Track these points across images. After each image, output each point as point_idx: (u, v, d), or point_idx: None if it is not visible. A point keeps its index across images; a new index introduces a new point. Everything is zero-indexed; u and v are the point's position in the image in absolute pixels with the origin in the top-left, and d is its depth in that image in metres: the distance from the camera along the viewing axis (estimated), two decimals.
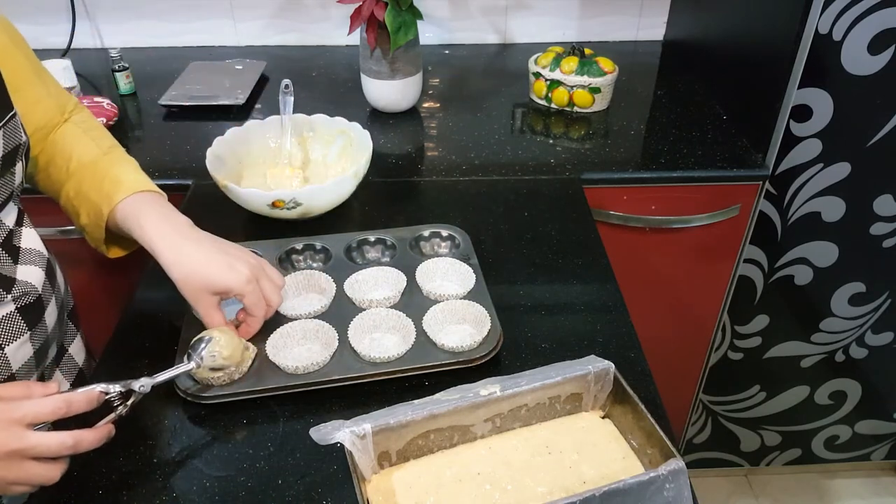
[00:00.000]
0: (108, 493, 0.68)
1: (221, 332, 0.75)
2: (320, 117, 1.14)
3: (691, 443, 1.72)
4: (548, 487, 0.65)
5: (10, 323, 0.72)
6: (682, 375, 1.53)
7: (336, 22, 1.65)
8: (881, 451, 1.73)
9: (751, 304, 1.43)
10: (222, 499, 0.67)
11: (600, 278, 0.95)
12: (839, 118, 1.17)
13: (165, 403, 0.76)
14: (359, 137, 1.09)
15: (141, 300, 0.92)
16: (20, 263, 0.74)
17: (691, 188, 1.22)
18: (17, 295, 0.72)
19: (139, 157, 1.20)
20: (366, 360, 0.78)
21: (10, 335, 0.72)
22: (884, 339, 1.48)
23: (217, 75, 1.48)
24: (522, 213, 1.08)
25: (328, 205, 1.02)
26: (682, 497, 0.60)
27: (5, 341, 0.71)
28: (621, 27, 1.68)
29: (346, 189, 1.02)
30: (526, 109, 1.42)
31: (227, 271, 0.74)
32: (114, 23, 1.63)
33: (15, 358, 0.73)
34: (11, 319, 0.72)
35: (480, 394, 0.67)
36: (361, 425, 0.63)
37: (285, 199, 0.96)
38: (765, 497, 1.81)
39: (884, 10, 1.05)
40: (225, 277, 0.74)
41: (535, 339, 0.85)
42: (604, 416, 0.73)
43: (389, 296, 0.86)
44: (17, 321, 0.72)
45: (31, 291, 0.74)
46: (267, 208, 0.97)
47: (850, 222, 1.29)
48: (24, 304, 0.73)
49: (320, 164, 1.15)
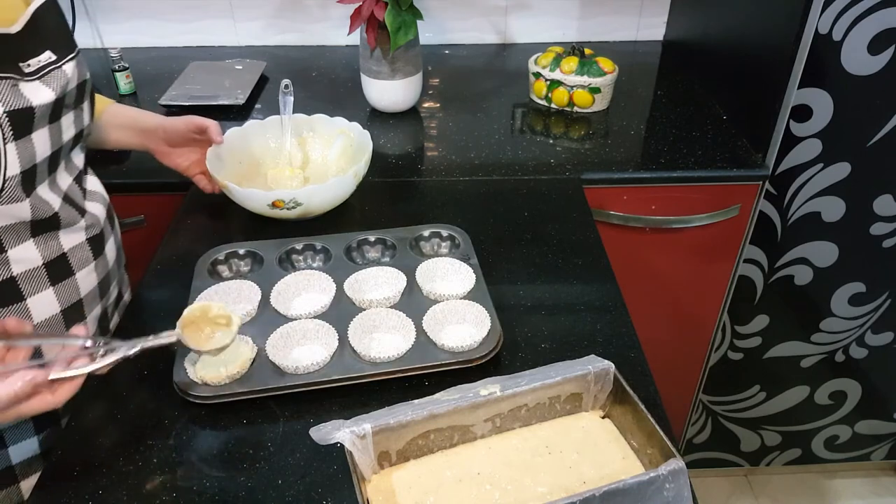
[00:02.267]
0: (108, 493, 0.68)
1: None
2: (320, 117, 1.14)
3: (691, 443, 1.72)
4: (548, 487, 0.65)
5: (81, 251, 0.81)
6: (682, 375, 1.53)
7: (336, 22, 1.65)
8: (881, 451, 1.73)
9: (751, 304, 1.43)
10: (222, 499, 0.67)
11: (600, 278, 0.95)
12: (839, 118, 1.17)
13: (165, 403, 0.76)
14: (359, 137, 1.09)
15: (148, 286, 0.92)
16: (88, 200, 0.85)
17: (691, 188, 1.22)
18: (87, 224, 0.83)
19: (139, 157, 1.21)
20: (366, 360, 0.78)
21: (80, 262, 0.81)
22: (884, 339, 1.48)
23: (217, 75, 1.48)
24: (522, 213, 1.08)
25: (328, 205, 1.02)
26: (682, 497, 0.60)
27: (77, 267, 0.81)
28: (621, 27, 1.68)
29: (345, 189, 1.02)
30: (526, 109, 1.42)
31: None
32: (114, 23, 1.63)
33: (83, 284, 0.82)
34: (82, 248, 0.82)
35: (480, 394, 0.67)
36: (361, 425, 0.63)
37: (285, 200, 0.96)
38: (765, 497, 1.81)
39: (884, 10, 1.05)
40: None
41: (535, 339, 0.85)
42: (604, 416, 0.73)
43: (389, 296, 0.86)
44: (85, 250, 0.82)
45: (96, 224, 0.85)
46: (267, 208, 0.97)
47: (850, 222, 1.29)
48: (91, 234, 0.84)
49: (320, 164, 1.15)
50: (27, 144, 0.70)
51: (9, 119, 0.67)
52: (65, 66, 0.76)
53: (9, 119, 0.67)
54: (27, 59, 0.71)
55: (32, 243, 0.75)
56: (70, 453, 0.72)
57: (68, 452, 0.72)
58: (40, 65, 0.72)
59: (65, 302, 0.80)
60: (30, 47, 0.72)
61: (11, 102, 0.67)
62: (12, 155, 0.68)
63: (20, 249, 0.74)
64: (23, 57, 0.71)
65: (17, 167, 0.69)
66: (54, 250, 0.78)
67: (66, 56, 0.77)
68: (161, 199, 1.19)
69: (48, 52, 0.74)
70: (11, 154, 0.68)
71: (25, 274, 0.75)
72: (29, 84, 0.70)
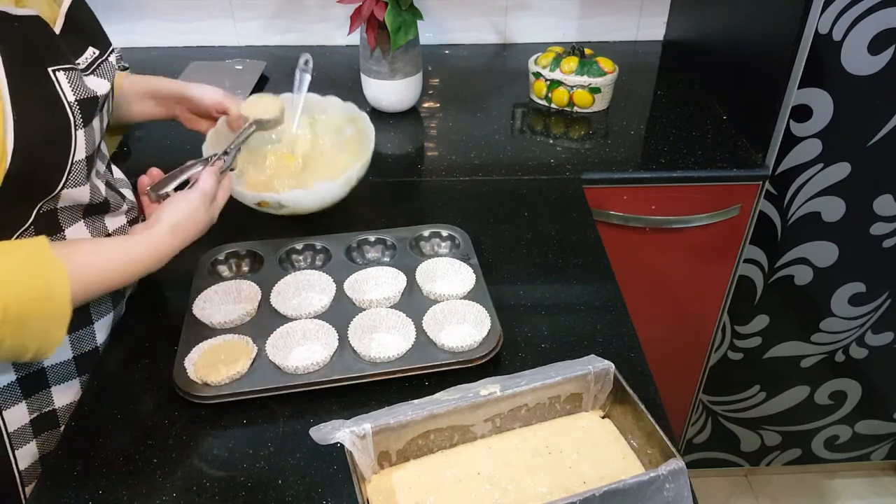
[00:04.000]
0: (109, 493, 0.68)
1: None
2: (333, 100, 1.08)
3: (691, 443, 1.72)
4: (548, 487, 0.65)
5: (123, 232, 0.86)
6: (682, 375, 1.53)
7: (336, 22, 1.65)
8: (881, 451, 1.73)
9: (751, 304, 1.43)
10: (222, 499, 0.67)
11: (600, 278, 0.95)
12: (839, 118, 1.16)
13: (165, 403, 0.76)
14: (365, 132, 1.03)
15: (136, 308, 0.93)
16: (119, 186, 0.88)
17: (691, 188, 1.22)
18: (127, 208, 0.88)
19: (139, 156, 1.21)
20: (366, 360, 0.78)
21: None
22: (884, 339, 1.48)
23: (217, 75, 1.48)
24: (522, 213, 1.08)
25: (318, 207, 0.96)
26: (682, 497, 0.60)
27: None
28: (621, 27, 1.68)
29: (334, 194, 0.96)
30: (526, 109, 1.42)
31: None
32: (114, 23, 1.63)
33: None
34: (124, 230, 0.86)
35: (480, 394, 0.67)
36: (361, 425, 0.63)
37: (270, 202, 0.92)
38: (765, 497, 1.80)
39: (884, 10, 1.05)
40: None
41: (535, 339, 0.85)
42: (604, 416, 0.73)
43: (389, 296, 0.86)
44: (126, 232, 0.85)
45: (134, 208, 0.90)
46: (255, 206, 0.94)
47: (850, 222, 1.29)
48: (131, 218, 0.89)
49: (328, 153, 1.08)
50: (90, 131, 0.74)
51: (79, 107, 0.71)
52: (111, 58, 0.81)
53: (79, 107, 0.71)
54: (76, 57, 0.75)
55: (83, 224, 0.80)
56: (70, 453, 0.72)
57: (68, 452, 0.72)
58: (88, 62, 0.77)
59: None
60: (74, 46, 0.75)
61: (80, 92, 0.72)
62: (81, 141, 0.72)
63: (73, 229, 0.78)
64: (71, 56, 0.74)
65: (84, 152, 0.73)
66: (101, 231, 0.83)
67: (107, 49, 0.81)
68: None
69: (90, 49, 0.78)
70: (80, 140, 0.72)
71: None
72: (86, 77, 0.74)
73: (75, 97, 0.71)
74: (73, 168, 0.72)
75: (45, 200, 0.72)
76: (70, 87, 0.71)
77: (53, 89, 0.69)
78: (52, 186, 0.71)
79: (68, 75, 0.71)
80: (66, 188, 0.72)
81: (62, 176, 0.71)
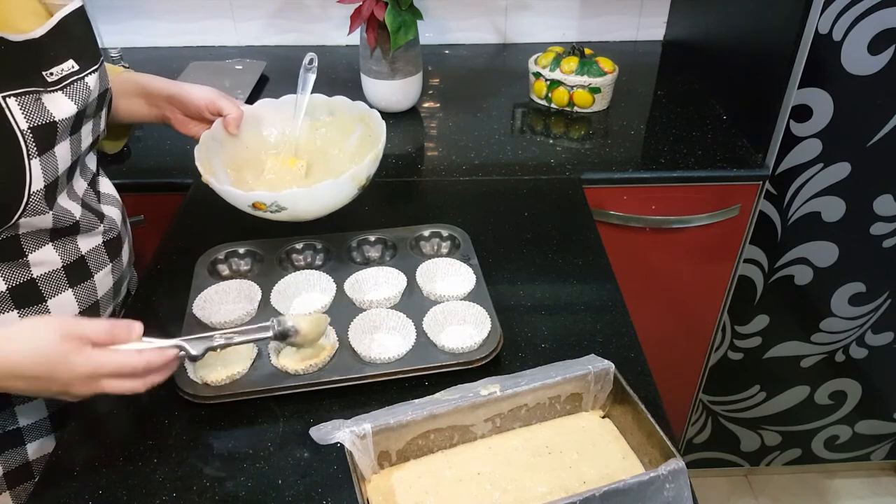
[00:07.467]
0: (109, 493, 0.68)
1: (301, 317, 0.75)
2: (342, 100, 0.98)
3: (691, 443, 1.72)
4: (548, 487, 0.65)
5: (98, 254, 0.82)
6: (682, 375, 1.53)
7: (336, 22, 1.65)
8: (881, 451, 1.73)
9: (751, 304, 1.43)
10: (222, 499, 0.67)
11: (600, 278, 0.95)
12: (839, 118, 1.16)
13: (166, 403, 0.76)
14: (376, 130, 0.92)
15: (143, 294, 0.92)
16: (102, 203, 0.85)
17: (691, 188, 1.22)
18: (104, 229, 0.83)
19: (139, 156, 1.20)
20: (366, 361, 0.78)
21: (97, 265, 0.82)
22: (884, 339, 1.48)
23: (217, 75, 1.48)
24: (522, 213, 1.08)
25: (320, 210, 0.86)
26: (682, 497, 0.60)
27: (95, 269, 0.82)
28: (621, 27, 1.68)
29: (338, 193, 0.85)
30: (526, 109, 1.42)
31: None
32: (114, 23, 1.63)
33: (101, 285, 0.83)
34: (98, 251, 0.82)
35: (480, 394, 0.67)
36: (361, 425, 0.63)
37: (266, 203, 0.81)
38: (765, 497, 1.81)
39: (884, 10, 1.05)
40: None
41: (535, 339, 0.85)
42: (604, 416, 0.73)
43: (389, 296, 0.86)
44: (102, 253, 0.83)
45: (114, 228, 0.85)
46: (250, 209, 0.83)
47: (850, 222, 1.29)
48: (108, 238, 0.84)
49: (334, 158, 0.99)
50: (50, 158, 0.70)
51: (33, 135, 0.67)
52: (87, 78, 0.75)
53: (33, 135, 0.67)
54: (49, 67, 0.71)
55: (51, 247, 0.76)
56: (70, 453, 0.72)
57: (69, 452, 0.72)
58: (63, 74, 0.72)
59: (83, 303, 0.81)
60: (52, 54, 0.71)
61: (35, 118, 0.67)
62: (37, 170, 0.68)
63: (39, 253, 0.74)
64: (45, 64, 0.70)
65: (42, 182, 0.69)
66: (73, 253, 0.78)
67: (90, 67, 0.76)
68: (161, 198, 1.19)
69: (71, 62, 0.73)
70: (36, 169, 0.68)
71: (45, 276, 0.76)
72: (51, 96, 0.70)
73: (28, 125, 0.66)
74: (31, 199, 0.68)
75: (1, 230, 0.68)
76: (23, 113, 0.66)
77: (3, 116, 0.65)
78: (6, 218, 0.67)
79: (21, 101, 0.66)
80: (26, 217, 0.69)
81: (18, 207, 0.67)
